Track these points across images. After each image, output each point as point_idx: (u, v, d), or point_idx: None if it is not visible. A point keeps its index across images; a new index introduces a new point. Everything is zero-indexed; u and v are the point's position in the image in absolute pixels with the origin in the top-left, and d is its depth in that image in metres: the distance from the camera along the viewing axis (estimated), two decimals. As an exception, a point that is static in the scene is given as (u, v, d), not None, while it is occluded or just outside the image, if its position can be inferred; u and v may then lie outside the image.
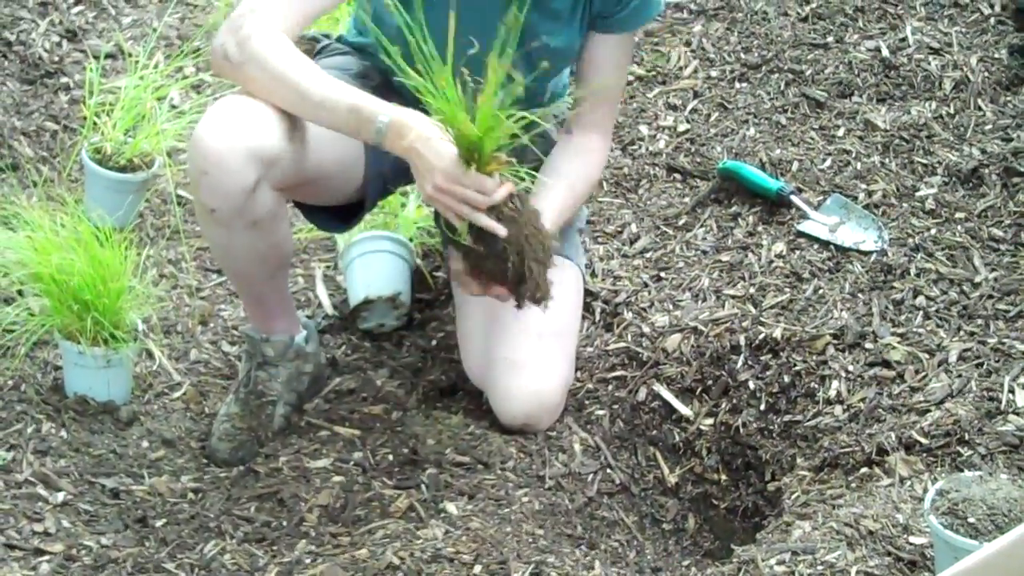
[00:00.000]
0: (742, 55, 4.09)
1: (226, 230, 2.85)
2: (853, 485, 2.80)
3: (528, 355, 3.08)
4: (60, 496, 2.84)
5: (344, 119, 2.74)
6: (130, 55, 3.95)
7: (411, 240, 3.54)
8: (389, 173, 3.06)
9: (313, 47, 3.19)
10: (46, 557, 2.67)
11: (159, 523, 2.85)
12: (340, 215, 3.14)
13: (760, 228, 3.51)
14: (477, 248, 2.70)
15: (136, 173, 3.57)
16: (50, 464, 2.91)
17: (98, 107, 3.67)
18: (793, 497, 2.85)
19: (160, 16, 4.32)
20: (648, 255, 3.48)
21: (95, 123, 3.64)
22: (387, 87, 3.04)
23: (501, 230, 2.67)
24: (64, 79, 4.04)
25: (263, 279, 3.02)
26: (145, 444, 3.06)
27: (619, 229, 3.61)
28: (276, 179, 2.83)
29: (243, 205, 2.80)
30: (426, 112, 2.69)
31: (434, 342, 3.41)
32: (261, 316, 3.10)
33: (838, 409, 2.98)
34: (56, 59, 4.08)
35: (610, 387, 3.18)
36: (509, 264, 2.70)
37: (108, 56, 4.11)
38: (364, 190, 3.09)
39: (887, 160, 3.65)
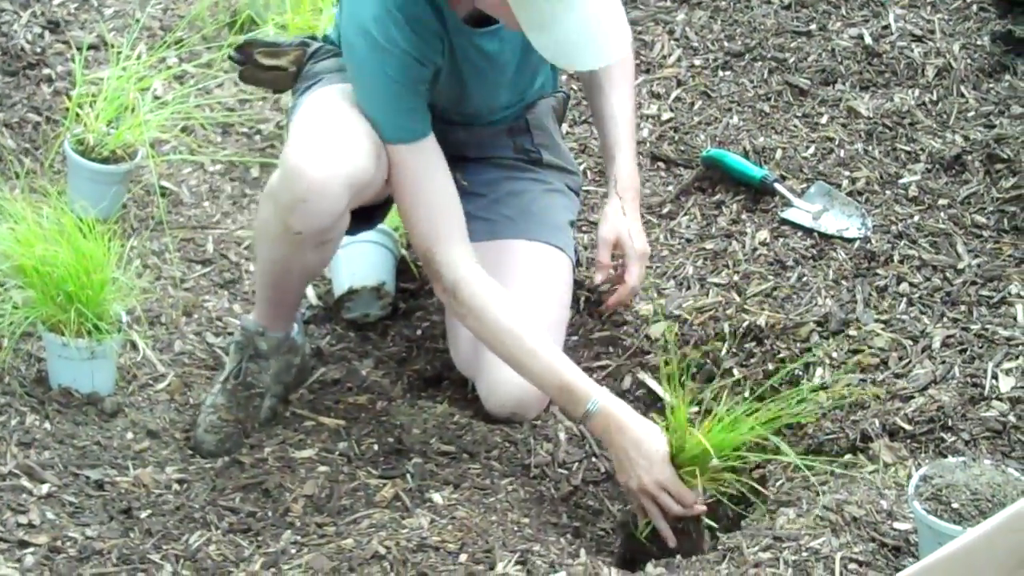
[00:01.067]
0: (725, 43, 4.10)
1: (295, 250, 2.89)
2: (837, 472, 2.80)
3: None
4: (44, 488, 2.84)
5: (555, 394, 2.87)
6: (112, 46, 3.94)
7: (396, 230, 3.53)
8: None
9: (304, 52, 3.18)
10: (31, 549, 2.67)
11: (144, 514, 2.84)
12: (360, 215, 3.13)
13: (744, 216, 3.52)
14: (649, 545, 2.77)
15: (119, 164, 3.56)
16: (34, 456, 2.90)
17: (81, 98, 3.66)
18: (778, 484, 2.86)
19: (142, 7, 4.31)
20: (632, 243, 3.48)
21: (78, 114, 3.63)
22: None
23: (672, 540, 2.74)
24: (47, 70, 4.03)
25: (297, 287, 3.08)
26: (130, 435, 3.06)
27: (603, 218, 3.62)
28: (359, 201, 2.88)
29: (328, 229, 2.85)
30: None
31: (419, 332, 3.41)
32: (274, 315, 3.10)
33: (822, 396, 2.98)
34: (38, 50, 4.07)
35: (595, 375, 3.18)
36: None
37: (91, 47, 4.10)
38: None
39: (870, 147, 3.65)
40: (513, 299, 2.90)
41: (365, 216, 3.11)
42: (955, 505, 2.37)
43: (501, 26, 2.90)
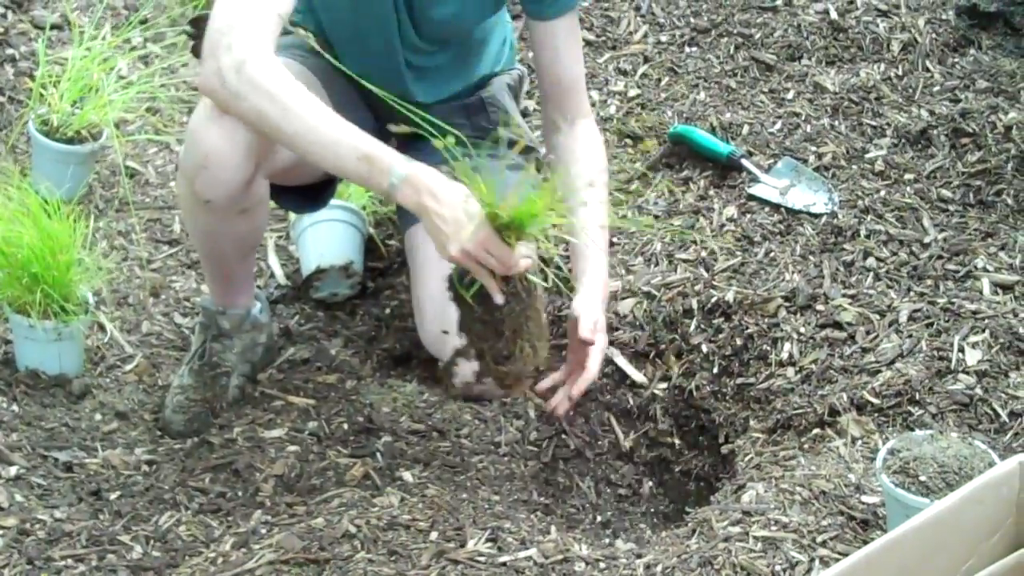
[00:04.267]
0: (691, 19, 4.10)
1: (216, 219, 2.84)
2: (806, 446, 2.82)
3: (485, 322, 3.07)
4: (13, 470, 2.82)
5: (354, 167, 2.58)
6: (76, 26, 3.92)
7: (363, 209, 3.53)
8: None
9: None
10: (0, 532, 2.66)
11: (113, 496, 2.84)
12: (308, 195, 3.12)
13: (711, 192, 3.52)
14: (476, 307, 2.60)
15: (84, 144, 3.54)
16: (2, 438, 2.89)
17: (45, 78, 3.64)
18: (746, 459, 2.87)
19: (106, -13, 4.29)
20: (600, 220, 3.48)
21: (42, 94, 3.60)
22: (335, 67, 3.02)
23: (499, 296, 2.56)
24: (10, 50, 4.00)
25: (237, 259, 3.03)
26: (98, 417, 3.05)
27: (571, 195, 3.61)
28: (270, 168, 2.82)
29: (239, 196, 2.79)
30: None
31: (388, 310, 3.41)
32: (224, 292, 3.09)
33: (790, 371, 2.99)
34: (1, 30, 4.04)
35: (564, 353, 3.18)
36: (501, 337, 2.61)
37: (54, 27, 4.07)
38: None
39: (836, 122, 3.66)
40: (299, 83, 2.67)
41: (311, 196, 3.10)
42: (922, 478, 2.38)
43: None
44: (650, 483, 3.07)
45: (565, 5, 2.97)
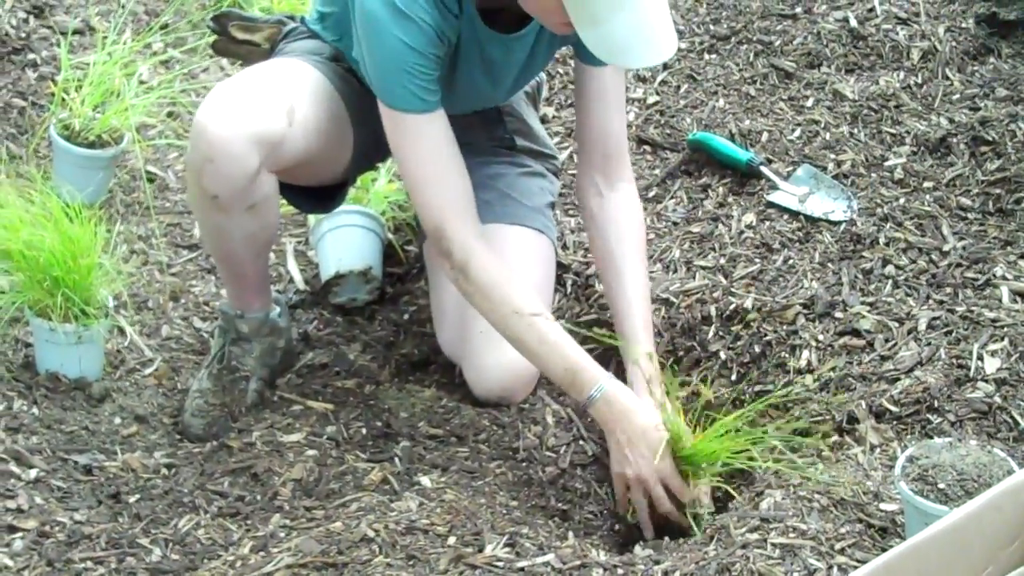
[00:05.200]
0: (711, 26, 4.10)
1: (225, 215, 2.85)
2: (824, 454, 2.81)
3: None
4: (33, 473, 2.84)
5: (559, 375, 2.82)
6: (98, 31, 3.93)
7: (382, 214, 3.53)
8: (372, 149, 3.06)
9: (279, 30, 3.18)
10: (19, 534, 2.67)
11: (132, 499, 2.84)
12: (320, 195, 3.13)
13: (730, 199, 3.52)
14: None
15: (105, 149, 3.56)
16: (22, 441, 2.90)
17: (66, 83, 3.66)
18: (764, 466, 2.87)
19: (128, -8, 4.31)
20: (619, 227, 3.49)
21: (63, 99, 3.62)
22: (353, 73, 3.03)
23: (649, 532, 2.80)
24: (31, 55, 4.02)
25: (250, 259, 3.03)
26: (118, 420, 3.06)
27: (590, 201, 3.61)
28: (276, 162, 2.83)
29: (245, 190, 2.80)
30: None
31: (406, 316, 3.42)
32: (240, 294, 3.10)
33: (808, 379, 2.99)
34: (23, 35, 4.06)
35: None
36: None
37: (76, 32, 4.09)
38: (349, 169, 3.09)
39: (856, 130, 3.66)
40: (519, 279, 2.87)
41: (322, 196, 3.11)
42: (941, 485, 2.38)
43: (514, 37, 2.87)
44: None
45: None
